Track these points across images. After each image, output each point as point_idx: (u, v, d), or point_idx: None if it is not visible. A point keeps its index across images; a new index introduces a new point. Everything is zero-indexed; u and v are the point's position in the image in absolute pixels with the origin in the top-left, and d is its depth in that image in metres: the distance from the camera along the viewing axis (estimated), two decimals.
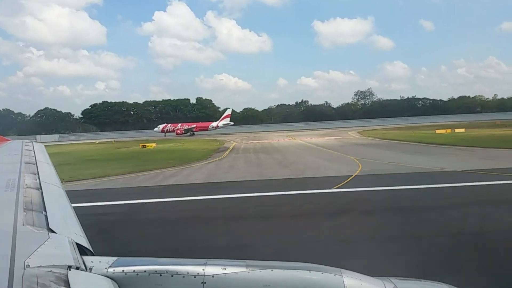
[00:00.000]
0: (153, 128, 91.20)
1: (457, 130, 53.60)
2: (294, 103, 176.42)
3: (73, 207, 3.51)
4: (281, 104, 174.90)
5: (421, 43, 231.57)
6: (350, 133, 61.69)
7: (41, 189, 3.68)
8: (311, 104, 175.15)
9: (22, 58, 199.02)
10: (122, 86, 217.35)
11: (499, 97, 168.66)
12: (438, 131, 52.13)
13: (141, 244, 9.40)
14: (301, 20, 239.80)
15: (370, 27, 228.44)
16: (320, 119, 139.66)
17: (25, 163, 5.12)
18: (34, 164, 5.15)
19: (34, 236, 2.38)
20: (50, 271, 1.84)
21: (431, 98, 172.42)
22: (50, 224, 2.64)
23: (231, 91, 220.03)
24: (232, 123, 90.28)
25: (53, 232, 2.50)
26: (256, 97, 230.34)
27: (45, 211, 2.96)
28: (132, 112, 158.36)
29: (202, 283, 2.08)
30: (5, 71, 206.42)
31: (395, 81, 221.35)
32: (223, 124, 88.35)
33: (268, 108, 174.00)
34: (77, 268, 1.97)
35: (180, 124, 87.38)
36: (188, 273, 2.10)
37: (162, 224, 11.61)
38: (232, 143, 49.27)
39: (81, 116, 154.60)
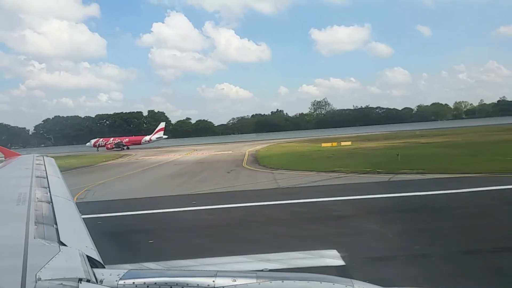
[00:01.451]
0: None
1: (342, 143, 49.04)
2: (251, 115, 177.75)
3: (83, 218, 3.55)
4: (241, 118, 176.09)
5: (419, 49, 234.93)
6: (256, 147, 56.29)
7: (51, 202, 3.73)
8: (263, 114, 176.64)
9: (24, 71, 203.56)
10: (124, 97, 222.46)
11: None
12: (323, 144, 48.14)
13: None
14: (298, 28, 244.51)
15: (368, 34, 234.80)
16: (273, 129, 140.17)
17: (36, 177, 5.18)
18: (44, 178, 5.20)
19: (45, 249, 2.41)
20: (61, 284, 1.86)
21: (385, 107, 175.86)
22: (61, 237, 2.68)
23: (232, 100, 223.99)
24: (166, 136, 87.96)
25: (64, 245, 2.53)
26: (258, 106, 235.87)
27: (56, 224, 3.00)
28: (85, 126, 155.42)
29: None
30: (7, 85, 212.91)
31: (396, 87, 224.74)
32: (157, 138, 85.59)
33: (229, 121, 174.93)
34: (88, 281, 1.99)
35: (112, 139, 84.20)
36: (198, 285, 2.10)
37: None
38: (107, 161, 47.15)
39: (33, 131, 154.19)
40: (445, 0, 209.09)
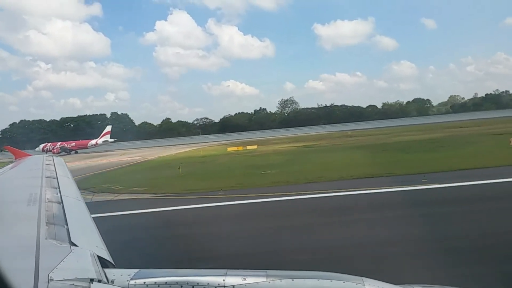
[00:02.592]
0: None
1: (248, 147, 47.25)
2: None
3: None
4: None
5: (424, 42, 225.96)
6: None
7: (62, 202, 3.74)
8: (229, 114, 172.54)
9: (31, 72, 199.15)
10: (131, 96, 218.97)
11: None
12: (229, 149, 46.80)
13: None
14: (301, 24, 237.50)
15: (372, 27, 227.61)
16: (236, 129, 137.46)
17: (46, 177, 5.18)
18: (55, 178, 5.21)
19: (57, 249, 2.43)
20: (73, 284, 1.88)
21: (350, 105, 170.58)
22: (72, 238, 2.69)
23: (238, 97, 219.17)
24: (112, 140, 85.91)
25: (75, 245, 2.55)
26: (264, 102, 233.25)
27: (67, 224, 3.02)
28: (49, 129, 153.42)
29: None
30: (15, 86, 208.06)
31: (404, 81, 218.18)
32: (103, 141, 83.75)
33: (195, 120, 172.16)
34: (99, 281, 2.00)
35: (59, 143, 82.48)
36: (208, 284, 2.10)
37: None
38: None
39: (0, 136, 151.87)
40: None
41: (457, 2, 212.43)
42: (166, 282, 2.13)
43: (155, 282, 2.14)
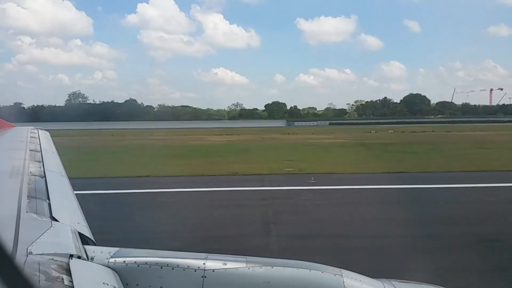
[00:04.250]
0: None
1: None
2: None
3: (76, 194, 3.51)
4: None
5: (410, 44, 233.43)
6: None
7: (45, 177, 3.66)
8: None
9: (14, 45, 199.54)
10: (119, 76, 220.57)
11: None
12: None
13: None
14: (283, 17, 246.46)
15: (355, 26, 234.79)
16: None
17: (30, 150, 5.08)
18: (39, 151, 5.11)
19: (37, 223, 2.39)
20: (52, 259, 1.85)
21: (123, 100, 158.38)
22: (53, 213, 2.65)
23: (229, 85, 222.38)
24: None
25: (56, 220, 2.51)
26: (256, 92, 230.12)
27: (49, 199, 2.96)
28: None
29: (202, 277, 2.09)
30: None
31: (394, 81, 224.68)
32: None
33: None
34: (79, 257, 1.98)
35: None
36: (188, 266, 2.11)
37: None
38: None
39: None
40: None
41: (442, 6, 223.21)
42: (146, 262, 2.13)
43: (135, 262, 2.13)
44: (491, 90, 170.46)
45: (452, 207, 13.05)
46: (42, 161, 4.44)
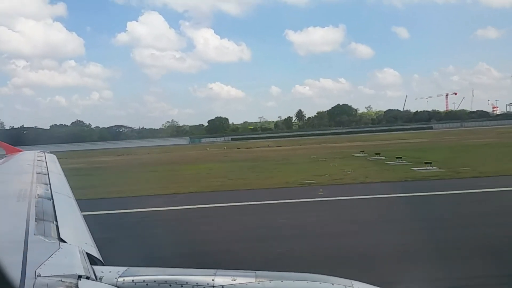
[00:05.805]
0: None
1: None
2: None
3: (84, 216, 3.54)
4: None
5: (400, 50, 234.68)
6: None
7: (52, 199, 3.71)
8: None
9: (8, 69, 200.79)
10: (115, 95, 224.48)
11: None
12: None
13: None
14: (271, 29, 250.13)
15: (343, 35, 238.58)
16: None
17: (37, 173, 5.13)
18: (46, 174, 5.16)
19: (45, 245, 2.41)
20: (61, 280, 1.85)
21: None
22: (61, 234, 2.67)
23: (225, 100, 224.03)
24: None
25: (64, 242, 2.53)
26: (253, 106, 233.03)
27: (56, 221, 2.99)
28: None
29: None
30: None
31: (390, 88, 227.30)
32: None
33: None
34: (87, 278, 1.98)
35: None
36: (197, 283, 2.09)
37: None
38: None
39: None
40: (424, 3, 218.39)
41: (427, 10, 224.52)
42: (155, 281, 2.11)
43: (144, 280, 2.12)
44: (447, 95, 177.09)
45: None
46: (49, 184, 4.49)
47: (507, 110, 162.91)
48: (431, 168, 22.97)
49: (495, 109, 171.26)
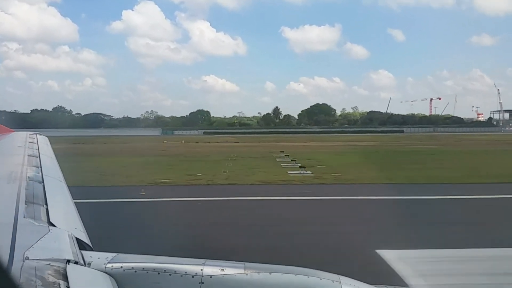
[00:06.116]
0: None
1: None
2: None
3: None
4: None
5: (395, 53, 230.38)
6: None
7: (43, 182, 3.63)
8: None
9: (0, 51, 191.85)
10: (108, 83, 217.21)
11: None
12: None
13: None
14: (269, 25, 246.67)
15: (339, 34, 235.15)
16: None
17: (28, 155, 5.03)
18: (37, 157, 5.07)
19: (35, 229, 2.37)
20: (49, 264, 1.82)
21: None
22: (51, 218, 2.63)
23: (220, 93, 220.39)
24: None
25: (54, 225, 2.49)
26: (248, 101, 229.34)
27: (46, 204, 2.94)
28: None
29: (200, 283, 2.07)
30: None
31: (384, 89, 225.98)
32: None
33: None
34: (76, 263, 1.97)
35: None
36: (186, 272, 2.09)
37: None
38: None
39: None
40: (420, 7, 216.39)
41: (424, 14, 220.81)
42: (143, 268, 2.11)
43: (132, 267, 2.11)
44: (431, 99, 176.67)
45: None
46: (40, 167, 4.40)
47: (492, 117, 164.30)
48: (304, 172, 23.24)
49: (479, 115, 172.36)
